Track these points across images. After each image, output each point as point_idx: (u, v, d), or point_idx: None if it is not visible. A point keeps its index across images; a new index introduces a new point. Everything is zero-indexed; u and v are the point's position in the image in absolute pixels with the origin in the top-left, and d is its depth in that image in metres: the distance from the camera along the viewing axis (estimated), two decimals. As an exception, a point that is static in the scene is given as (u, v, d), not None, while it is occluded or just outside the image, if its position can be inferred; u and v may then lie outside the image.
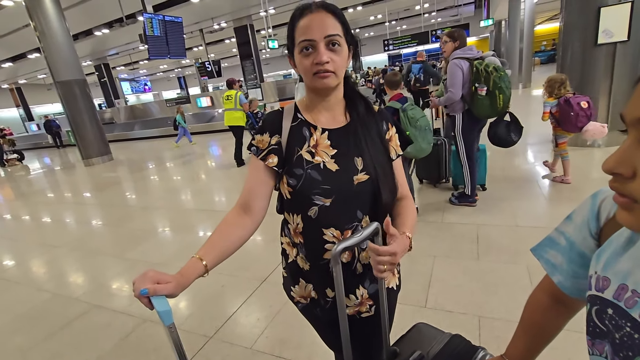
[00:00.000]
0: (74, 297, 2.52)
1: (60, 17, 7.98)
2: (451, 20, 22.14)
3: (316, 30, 0.73)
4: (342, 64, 0.77)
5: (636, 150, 0.34)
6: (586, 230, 0.51)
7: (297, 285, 0.92)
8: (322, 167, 0.80)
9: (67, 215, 4.88)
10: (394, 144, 0.89)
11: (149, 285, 0.64)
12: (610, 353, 0.43)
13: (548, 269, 0.61)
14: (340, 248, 0.69)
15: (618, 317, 0.41)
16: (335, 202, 0.79)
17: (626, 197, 0.35)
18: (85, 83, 8.49)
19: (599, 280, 0.45)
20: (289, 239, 0.91)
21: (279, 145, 0.82)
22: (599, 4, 3.84)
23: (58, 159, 11.44)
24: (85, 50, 16.19)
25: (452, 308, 1.86)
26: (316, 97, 0.83)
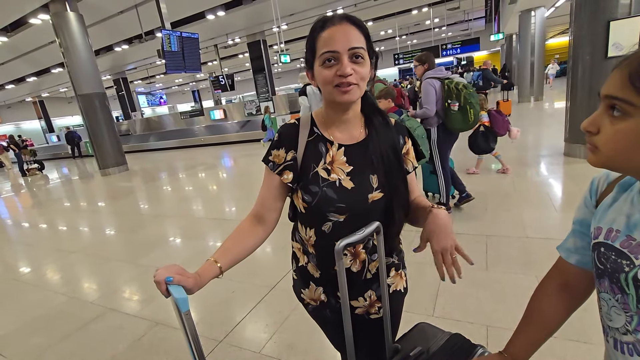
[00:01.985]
0: (89, 301, 2.60)
1: (84, 34, 8.40)
2: (461, 34, 22.31)
3: (340, 42, 0.71)
4: (365, 77, 0.76)
5: (602, 117, 0.50)
6: (590, 204, 0.64)
7: (307, 288, 0.94)
8: (338, 185, 0.80)
9: (83, 222, 5.03)
10: (410, 157, 0.88)
11: (173, 274, 0.69)
12: (608, 284, 0.56)
13: (565, 254, 0.69)
14: (343, 244, 0.72)
15: (607, 251, 0.56)
16: (349, 218, 0.80)
17: (591, 145, 0.52)
18: (104, 96, 8.84)
19: (595, 230, 0.60)
20: (300, 246, 0.92)
21: (294, 160, 0.82)
22: (608, 18, 3.87)
23: (76, 168, 11.82)
24: (105, 65, 16.86)
25: (460, 317, 1.85)
26: (334, 112, 0.81)
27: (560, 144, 4.84)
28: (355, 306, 0.91)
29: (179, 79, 28.57)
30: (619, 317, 0.56)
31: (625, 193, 0.57)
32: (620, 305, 0.55)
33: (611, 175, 0.62)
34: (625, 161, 0.49)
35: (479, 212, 3.22)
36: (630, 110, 0.46)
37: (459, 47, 16.43)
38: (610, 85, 0.49)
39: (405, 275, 0.99)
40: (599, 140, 0.50)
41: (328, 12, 13.23)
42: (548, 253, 2.35)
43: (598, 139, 0.50)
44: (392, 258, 0.93)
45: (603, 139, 0.50)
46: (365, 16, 15.29)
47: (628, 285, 0.52)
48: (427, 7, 15.08)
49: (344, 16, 0.75)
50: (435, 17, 17.02)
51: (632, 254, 0.51)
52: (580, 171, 4.01)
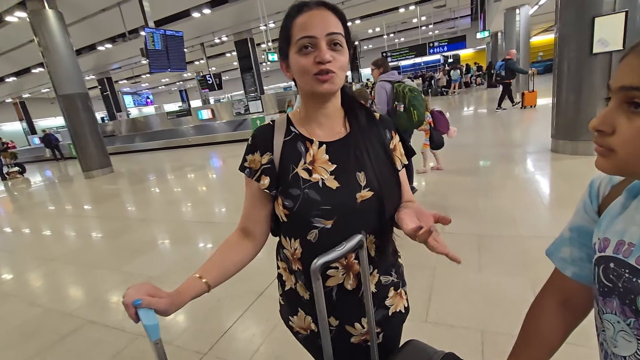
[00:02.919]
0: (67, 312, 2.47)
1: (64, 32, 8.12)
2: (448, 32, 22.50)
3: (318, 26, 0.66)
4: (344, 66, 0.70)
5: (616, 113, 0.43)
6: (591, 210, 0.57)
7: (296, 315, 0.84)
8: (321, 186, 0.72)
9: (65, 227, 4.85)
10: (398, 154, 0.81)
11: (143, 297, 0.61)
12: (618, 305, 0.48)
13: (560, 265, 0.62)
14: (320, 262, 0.63)
15: (618, 267, 0.48)
16: (337, 224, 0.71)
17: (604, 147, 0.44)
18: (87, 97, 8.57)
19: (601, 242, 0.52)
20: (285, 264, 0.84)
21: (271, 163, 0.75)
22: (593, 14, 3.89)
23: (58, 171, 11.47)
24: (89, 65, 16.44)
25: (454, 322, 1.80)
26: (313, 106, 0.75)
27: (547, 140, 4.87)
28: (351, 333, 0.80)
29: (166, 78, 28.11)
30: (628, 343, 0.48)
31: (635, 200, 0.50)
32: (632, 330, 0.47)
33: (615, 178, 0.55)
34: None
35: (471, 210, 3.19)
36: None
37: (446, 45, 16.54)
38: (627, 75, 0.41)
39: (406, 294, 0.89)
40: (614, 141, 0.43)
41: (316, 10, 13.12)
42: (541, 252, 2.32)
43: (613, 140, 0.43)
44: (391, 276, 0.83)
45: (620, 140, 0.42)
46: (353, 14, 15.25)
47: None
48: (414, 5, 15.12)
49: (319, 2, 0.69)
50: (422, 15, 17.08)
51: None
52: (568, 167, 4.03)
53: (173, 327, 2.11)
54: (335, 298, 0.76)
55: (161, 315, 0.64)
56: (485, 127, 7.93)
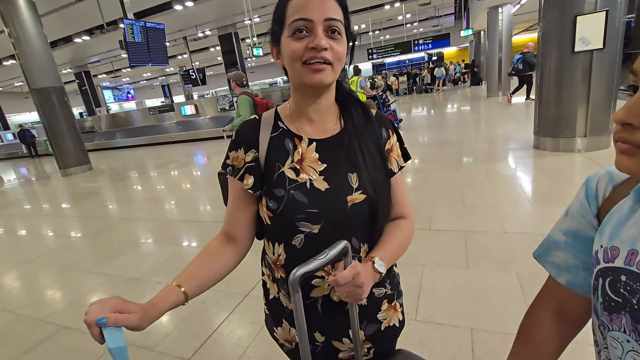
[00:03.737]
0: (40, 318, 2.33)
1: (37, 23, 7.75)
2: (432, 30, 22.72)
3: (315, 9, 0.60)
4: (341, 56, 0.63)
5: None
6: (588, 213, 0.51)
7: (280, 327, 0.79)
8: (309, 187, 0.66)
9: (40, 228, 4.62)
10: (395, 155, 0.74)
11: (108, 314, 0.54)
12: (629, 323, 0.43)
13: (553, 272, 0.57)
14: (299, 273, 0.57)
15: (632, 281, 0.42)
16: (325, 229, 0.66)
17: (630, 144, 0.38)
18: (63, 91, 8.21)
19: (607, 252, 0.45)
20: (269, 272, 0.78)
21: (255, 161, 0.69)
22: (575, 13, 3.95)
23: (34, 169, 10.99)
24: (65, 58, 15.79)
25: (444, 320, 1.79)
26: (304, 99, 0.69)
27: (530, 137, 4.96)
28: (338, 349, 0.74)
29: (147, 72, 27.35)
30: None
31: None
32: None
33: (617, 176, 0.49)
34: None
35: (457, 207, 3.20)
36: None
37: (431, 43, 16.70)
38: None
39: (401, 306, 0.82)
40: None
41: (301, 5, 12.98)
42: (526, 248, 2.34)
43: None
44: (385, 288, 0.77)
45: None
46: (339, 10, 15.17)
47: None
48: (399, 3, 15.17)
49: None
50: (407, 13, 17.18)
51: None
52: (550, 163, 4.10)
53: (154, 332, 2.02)
54: (320, 310, 0.71)
55: (133, 330, 0.58)
56: (469, 124, 8.04)
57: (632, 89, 0.40)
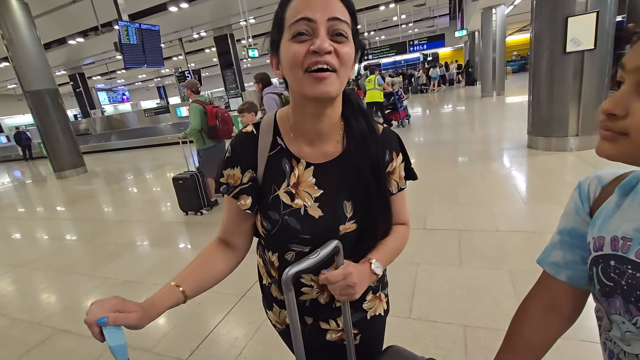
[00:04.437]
0: (35, 322, 2.32)
1: (30, 25, 7.70)
2: (427, 30, 22.82)
3: (318, 8, 0.53)
4: (348, 63, 0.57)
5: (631, 95, 0.40)
6: (582, 211, 0.56)
7: (271, 310, 0.83)
8: (303, 213, 0.65)
9: (35, 231, 4.60)
10: (396, 177, 0.72)
11: (108, 313, 0.55)
12: (622, 304, 0.47)
13: (552, 271, 0.60)
14: (292, 272, 0.58)
15: (620, 264, 0.46)
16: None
17: (612, 131, 0.42)
18: (57, 93, 8.16)
19: (596, 241, 0.50)
20: (263, 264, 0.80)
21: (253, 181, 0.67)
22: (566, 14, 4.01)
23: (28, 171, 10.91)
24: (59, 60, 15.69)
25: (437, 318, 1.81)
26: (304, 115, 0.63)
27: (523, 136, 5.01)
28: (325, 329, 0.78)
29: (143, 74, 27.21)
30: (638, 342, 0.47)
31: (629, 197, 0.49)
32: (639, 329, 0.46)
33: (604, 178, 0.54)
34: None
35: (451, 206, 3.24)
36: None
37: (426, 43, 16.81)
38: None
39: (386, 296, 0.86)
40: (628, 124, 0.40)
41: (297, 6, 12.99)
42: (518, 246, 2.38)
43: (627, 123, 0.40)
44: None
45: (636, 123, 0.40)
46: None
47: None
48: (394, 4, 15.24)
49: None
50: (402, 14, 17.26)
51: None
52: (543, 163, 4.15)
53: (151, 333, 2.03)
54: (308, 305, 0.75)
55: (132, 329, 0.59)
56: (463, 124, 8.10)
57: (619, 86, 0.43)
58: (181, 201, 4.08)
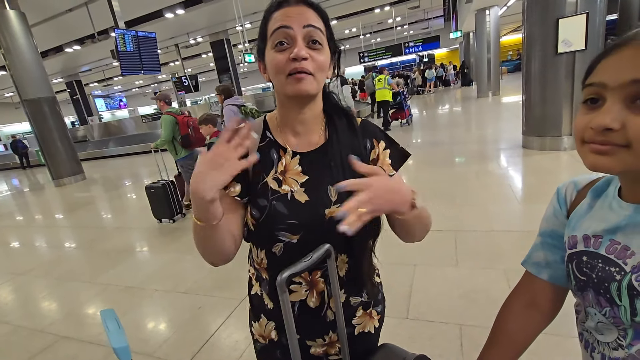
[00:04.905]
0: (38, 329, 2.35)
1: (27, 33, 7.73)
2: (422, 32, 22.96)
3: (294, 19, 0.62)
4: (323, 66, 0.65)
5: (623, 110, 0.42)
6: (560, 214, 0.61)
7: (258, 322, 0.80)
8: (290, 198, 0.68)
9: (35, 239, 4.61)
10: (383, 164, 0.74)
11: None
12: (594, 296, 0.51)
13: (534, 271, 0.64)
14: (285, 275, 0.61)
15: (591, 259, 0.51)
16: (304, 239, 0.68)
17: (610, 144, 0.43)
18: (54, 101, 8.19)
19: (570, 240, 0.55)
20: (254, 271, 0.80)
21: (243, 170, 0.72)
22: (557, 16, 4.08)
23: (26, 180, 10.90)
24: (56, 67, 15.74)
25: (434, 318, 1.85)
26: (289, 110, 0.70)
27: (518, 136, 5.07)
28: (310, 345, 0.77)
29: (139, 80, 27.28)
30: (610, 331, 0.51)
31: (600, 199, 0.54)
32: (609, 319, 0.50)
33: (579, 183, 0.59)
34: None
35: (447, 206, 3.28)
36: None
37: (421, 45, 16.92)
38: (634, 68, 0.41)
39: (379, 314, 0.82)
40: (629, 136, 0.41)
41: (292, 10, 13.09)
42: (513, 246, 2.42)
43: (628, 135, 0.42)
44: (361, 297, 0.78)
45: (636, 136, 0.41)
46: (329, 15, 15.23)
47: (620, 295, 0.47)
48: (389, 6, 15.37)
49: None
50: (397, 16, 17.38)
51: (620, 260, 0.47)
52: (538, 163, 4.21)
53: (153, 338, 2.06)
54: (297, 313, 0.73)
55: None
56: (459, 124, 8.16)
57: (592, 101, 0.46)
58: (154, 209, 4.23)
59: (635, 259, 0.46)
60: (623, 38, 0.43)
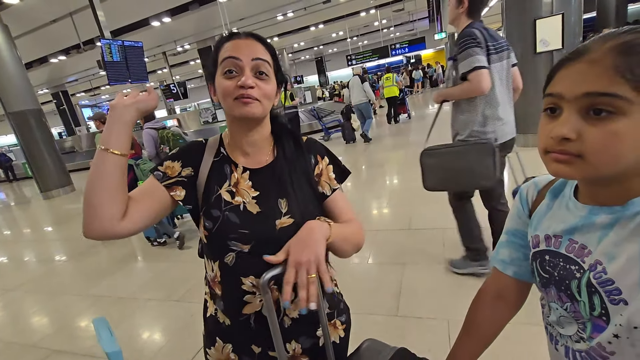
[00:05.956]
0: (30, 344, 2.34)
1: (10, 46, 7.66)
2: (408, 34, 23.27)
3: (244, 51, 0.68)
4: (269, 94, 0.71)
5: (579, 120, 0.44)
6: (522, 214, 0.64)
7: (213, 347, 0.79)
8: (242, 209, 0.72)
9: (24, 253, 4.55)
10: (325, 179, 0.79)
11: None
12: (555, 292, 0.55)
13: (500, 267, 0.68)
14: (267, 277, 0.64)
15: (553, 258, 0.54)
16: (255, 249, 0.71)
17: (569, 154, 0.44)
18: (40, 113, 8.10)
19: (533, 239, 0.59)
20: (208, 290, 0.81)
21: (189, 179, 0.74)
22: (534, 16, 4.20)
23: (12, 193, 10.71)
24: (41, 78, 15.55)
25: (422, 314, 1.90)
26: (238, 132, 0.75)
27: (503, 134, 5.19)
28: (275, 357, 0.76)
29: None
30: (570, 325, 0.54)
31: (557, 199, 0.57)
32: (570, 313, 0.53)
33: (539, 183, 0.62)
34: (614, 167, 0.43)
35: (435, 206, 3.33)
36: (625, 108, 0.40)
37: (407, 47, 17.12)
38: (585, 82, 0.42)
39: (343, 324, 0.84)
40: (583, 147, 0.43)
41: (278, 16, 13.18)
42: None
43: (581, 146, 0.43)
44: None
45: (591, 147, 0.42)
46: (316, 19, 15.45)
47: (580, 291, 0.50)
48: (375, 9, 15.55)
49: (250, 33, 0.72)
50: (382, 19, 17.60)
51: (579, 258, 0.50)
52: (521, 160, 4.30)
53: (147, 348, 2.07)
54: (253, 326, 0.74)
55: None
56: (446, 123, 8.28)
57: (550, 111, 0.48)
58: None
59: (592, 257, 0.49)
60: (574, 52, 0.45)
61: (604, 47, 0.42)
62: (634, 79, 0.40)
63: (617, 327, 0.47)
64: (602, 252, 0.48)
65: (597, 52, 0.42)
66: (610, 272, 0.46)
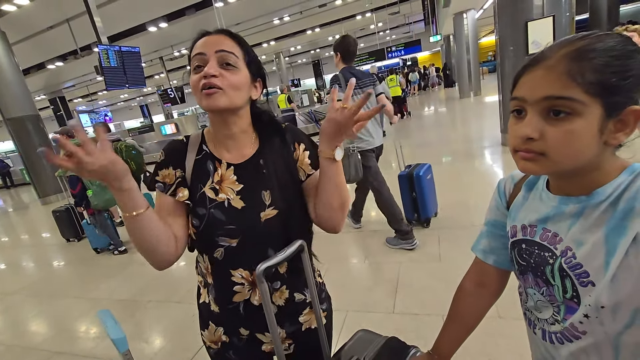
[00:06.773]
0: (31, 347, 2.36)
1: (8, 52, 7.70)
2: (404, 37, 23.43)
3: (209, 45, 0.70)
4: (236, 85, 0.71)
5: (540, 121, 0.47)
6: (501, 206, 0.68)
7: (207, 329, 0.84)
8: (227, 205, 0.74)
9: (24, 258, 4.57)
10: (302, 164, 0.81)
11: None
12: (533, 279, 0.58)
13: (481, 256, 0.73)
14: (263, 267, 0.67)
15: (528, 246, 0.58)
16: (243, 242, 0.73)
17: (534, 152, 0.49)
18: (38, 118, 8.12)
19: (511, 229, 0.63)
20: (202, 278, 0.84)
21: (182, 178, 0.76)
22: (525, 19, 4.28)
23: (10, 199, 10.69)
24: (38, 84, 15.56)
25: (419, 311, 1.94)
26: (216, 127, 0.77)
27: (497, 134, 5.25)
28: (261, 341, 0.82)
29: (125, 94, 27.04)
30: (546, 309, 0.58)
31: (532, 191, 0.61)
32: (546, 297, 0.57)
33: (516, 177, 0.66)
34: (574, 162, 0.47)
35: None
36: (579, 109, 0.44)
37: (403, 49, 17.22)
38: (544, 87, 0.46)
39: (324, 311, 0.89)
40: (545, 146, 0.47)
41: (275, 19, 13.28)
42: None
43: (543, 145, 0.47)
44: (304, 295, 0.83)
45: (551, 144, 0.47)
46: (313, 22, 15.55)
47: (554, 276, 0.54)
48: (370, 12, 15.67)
49: (220, 29, 0.75)
50: (378, 22, 17.72)
51: (552, 245, 0.54)
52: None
53: (147, 347, 2.09)
54: (243, 313, 0.78)
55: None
56: (443, 125, 8.37)
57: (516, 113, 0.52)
58: (62, 231, 4.60)
59: (563, 244, 0.53)
60: (534, 58, 0.49)
61: (559, 53, 0.46)
62: (585, 83, 0.44)
63: (587, 308, 0.51)
64: (572, 239, 0.52)
65: (552, 59, 0.46)
66: (579, 257, 0.51)
